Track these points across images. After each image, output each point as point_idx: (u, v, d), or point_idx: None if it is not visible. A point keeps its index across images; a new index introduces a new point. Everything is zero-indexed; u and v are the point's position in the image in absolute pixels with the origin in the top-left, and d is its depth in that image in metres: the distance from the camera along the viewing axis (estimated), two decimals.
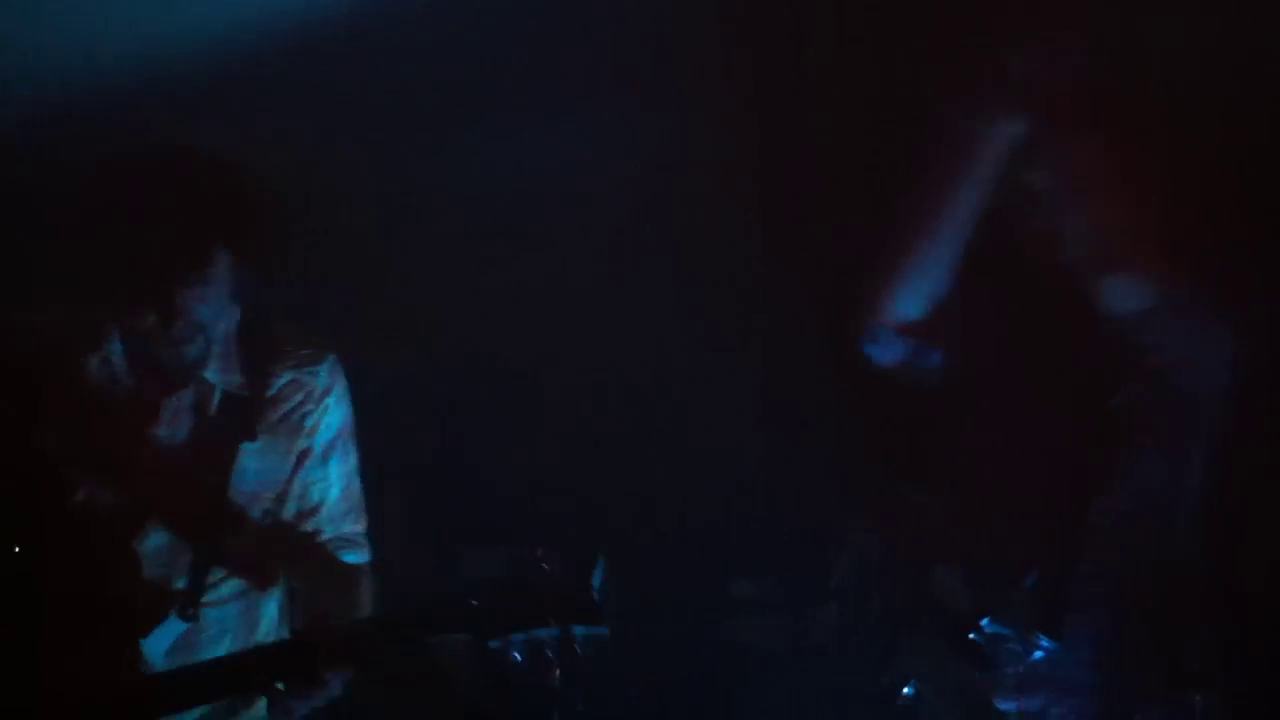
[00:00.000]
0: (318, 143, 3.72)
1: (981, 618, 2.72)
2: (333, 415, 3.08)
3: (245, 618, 3.02)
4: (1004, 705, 2.78)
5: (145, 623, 2.89)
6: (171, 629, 2.91)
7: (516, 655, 2.61)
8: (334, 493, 3.10)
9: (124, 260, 2.83)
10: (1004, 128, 2.73)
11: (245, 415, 2.97)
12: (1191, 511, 2.79)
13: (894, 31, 3.51)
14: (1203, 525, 2.78)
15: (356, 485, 3.15)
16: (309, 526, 3.08)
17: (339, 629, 2.87)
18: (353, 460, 3.14)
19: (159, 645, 2.90)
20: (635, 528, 4.01)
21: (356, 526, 3.15)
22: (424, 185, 3.95)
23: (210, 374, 2.96)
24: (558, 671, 2.59)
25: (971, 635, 2.72)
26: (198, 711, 2.93)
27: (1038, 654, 2.70)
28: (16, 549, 2.92)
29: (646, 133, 3.94)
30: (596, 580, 2.59)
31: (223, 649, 2.98)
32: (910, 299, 2.88)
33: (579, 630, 2.60)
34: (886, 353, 2.94)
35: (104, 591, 2.90)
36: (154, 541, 2.93)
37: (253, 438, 2.98)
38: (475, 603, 2.60)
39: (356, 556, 3.13)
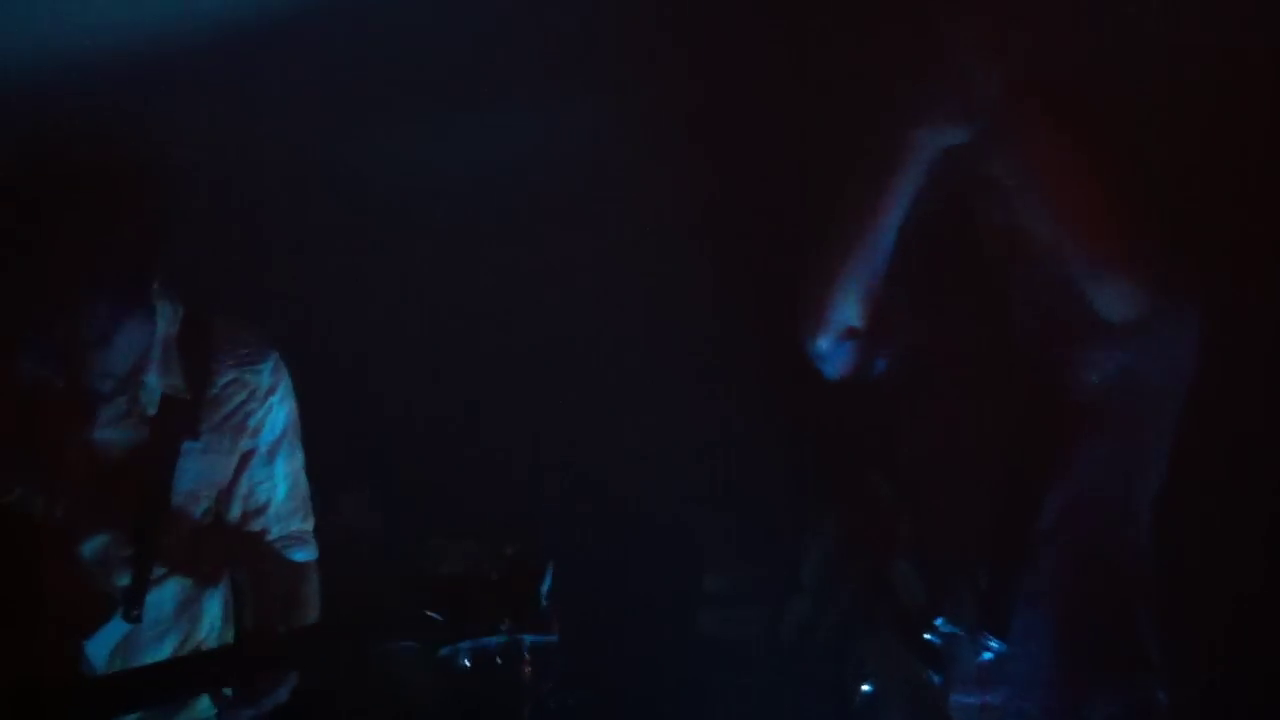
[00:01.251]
0: (262, 135, 3.66)
1: (936, 616, 2.70)
2: (277, 414, 3.04)
3: (186, 617, 2.98)
4: (965, 699, 2.76)
5: (87, 625, 2.84)
6: (115, 630, 2.87)
7: (465, 662, 2.58)
8: (281, 491, 3.07)
9: (22, 268, 2.78)
10: (946, 130, 2.68)
11: (187, 415, 2.92)
12: (1147, 505, 2.78)
13: (838, 32, 3.47)
14: (1158, 519, 2.77)
15: (304, 483, 3.12)
16: (256, 526, 3.05)
17: (287, 634, 2.85)
18: (299, 458, 3.10)
19: (102, 647, 2.86)
20: (604, 523, 4.01)
21: (305, 524, 3.12)
22: (378, 174, 3.90)
23: (149, 377, 2.91)
24: (507, 677, 2.56)
25: (926, 635, 2.70)
26: (140, 715, 2.87)
27: (986, 655, 2.69)
28: None
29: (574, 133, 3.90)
30: (544, 587, 2.57)
31: (165, 649, 2.95)
32: (851, 306, 2.86)
33: (528, 638, 2.58)
34: (832, 361, 2.91)
35: (43, 594, 2.83)
36: (93, 543, 2.87)
37: (195, 438, 2.93)
38: (424, 609, 2.57)
39: (305, 554, 3.11)
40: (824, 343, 2.89)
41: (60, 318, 2.81)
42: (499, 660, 2.55)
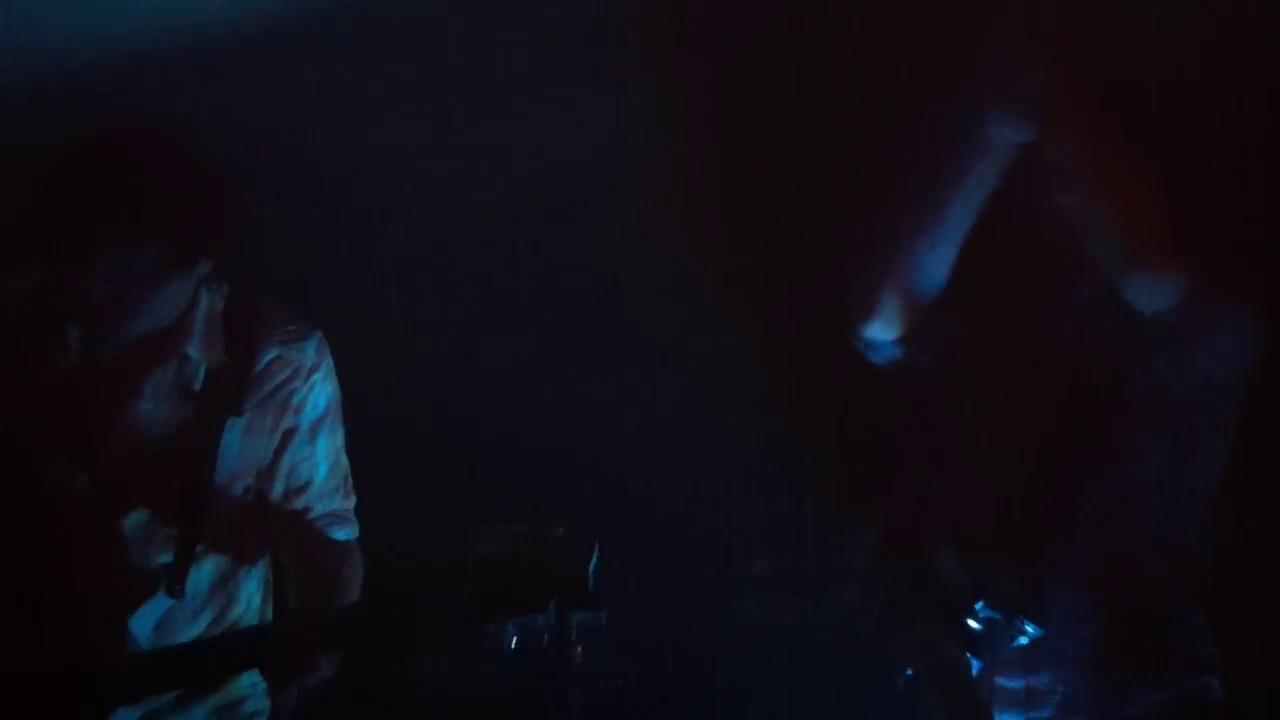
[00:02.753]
0: (306, 120, 3.67)
1: (976, 601, 2.70)
2: (320, 392, 3.04)
3: (222, 593, 2.99)
4: (1009, 683, 2.76)
5: (130, 601, 2.85)
6: (156, 607, 2.88)
7: (512, 641, 2.58)
8: (322, 470, 3.06)
9: (63, 238, 2.78)
10: (999, 127, 2.67)
11: (230, 392, 2.93)
12: (1201, 498, 2.76)
13: (891, 29, 3.46)
14: (1211, 512, 2.76)
15: (344, 463, 3.12)
16: (298, 504, 3.04)
17: (332, 613, 2.86)
18: (340, 437, 3.10)
19: (144, 623, 2.87)
20: (649, 507, 4.00)
21: (346, 503, 3.11)
22: (417, 162, 3.91)
23: (193, 351, 2.92)
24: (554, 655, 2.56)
25: (968, 619, 2.70)
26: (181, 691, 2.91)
27: (1022, 639, 2.69)
28: None
29: (645, 128, 3.90)
30: (592, 565, 2.57)
31: (200, 625, 2.95)
32: (905, 299, 2.84)
33: (575, 616, 2.57)
34: (881, 350, 2.90)
35: (86, 570, 2.86)
36: (136, 519, 2.88)
37: (238, 414, 2.93)
38: (471, 588, 2.57)
39: (347, 533, 3.10)
40: (875, 332, 2.89)
41: (103, 288, 2.80)
42: (546, 639, 2.55)
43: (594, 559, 2.55)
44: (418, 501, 3.65)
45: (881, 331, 2.89)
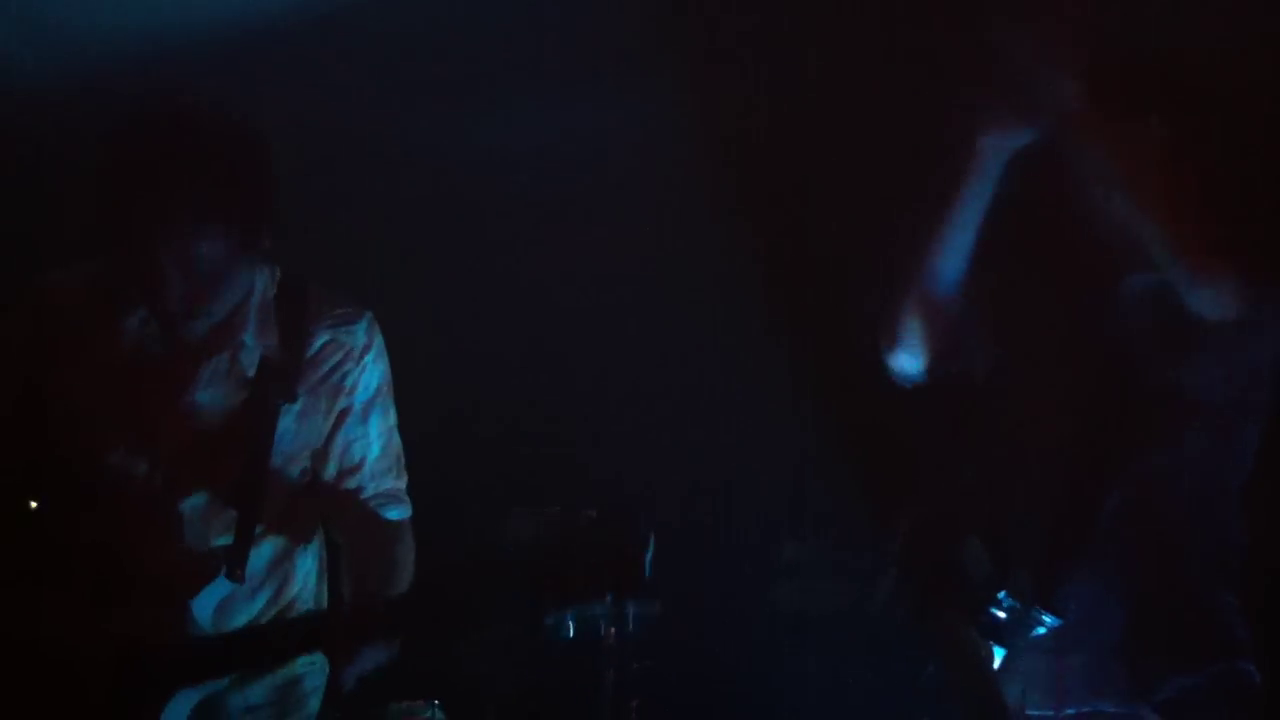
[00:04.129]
0: (354, 105, 3.67)
1: (999, 591, 2.69)
2: (371, 373, 3.06)
3: (279, 573, 3.02)
4: (1040, 665, 2.75)
5: (191, 586, 2.89)
6: (217, 590, 2.91)
7: (569, 631, 2.60)
8: (375, 450, 3.09)
9: (134, 225, 2.79)
10: (1012, 134, 2.64)
11: (284, 377, 2.95)
12: (1234, 487, 2.75)
13: (907, 36, 3.42)
14: (1245, 498, 2.74)
15: (397, 441, 3.14)
16: (351, 484, 3.07)
17: (392, 600, 2.88)
18: (392, 417, 3.12)
19: (205, 607, 2.91)
20: (688, 493, 4.02)
21: (399, 482, 3.14)
22: (463, 146, 3.90)
23: (248, 338, 2.94)
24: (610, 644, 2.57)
25: (990, 608, 2.70)
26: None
27: (1040, 630, 2.68)
28: (57, 516, 2.94)
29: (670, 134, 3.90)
30: (649, 556, 2.57)
31: (258, 604, 3.00)
32: (926, 318, 2.83)
33: (632, 606, 2.59)
34: (909, 373, 2.90)
35: (148, 556, 2.90)
36: (194, 505, 2.92)
37: (293, 399, 2.96)
38: (529, 577, 2.58)
39: (400, 512, 3.13)
40: (900, 358, 2.88)
41: (162, 276, 2.81)
42: (603, 629, 2.57)
43: (650, 549, 2.56)
44: (462, 488, 3.69)
45: (909, 362, 2.88)
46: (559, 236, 4.12)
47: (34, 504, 2.98)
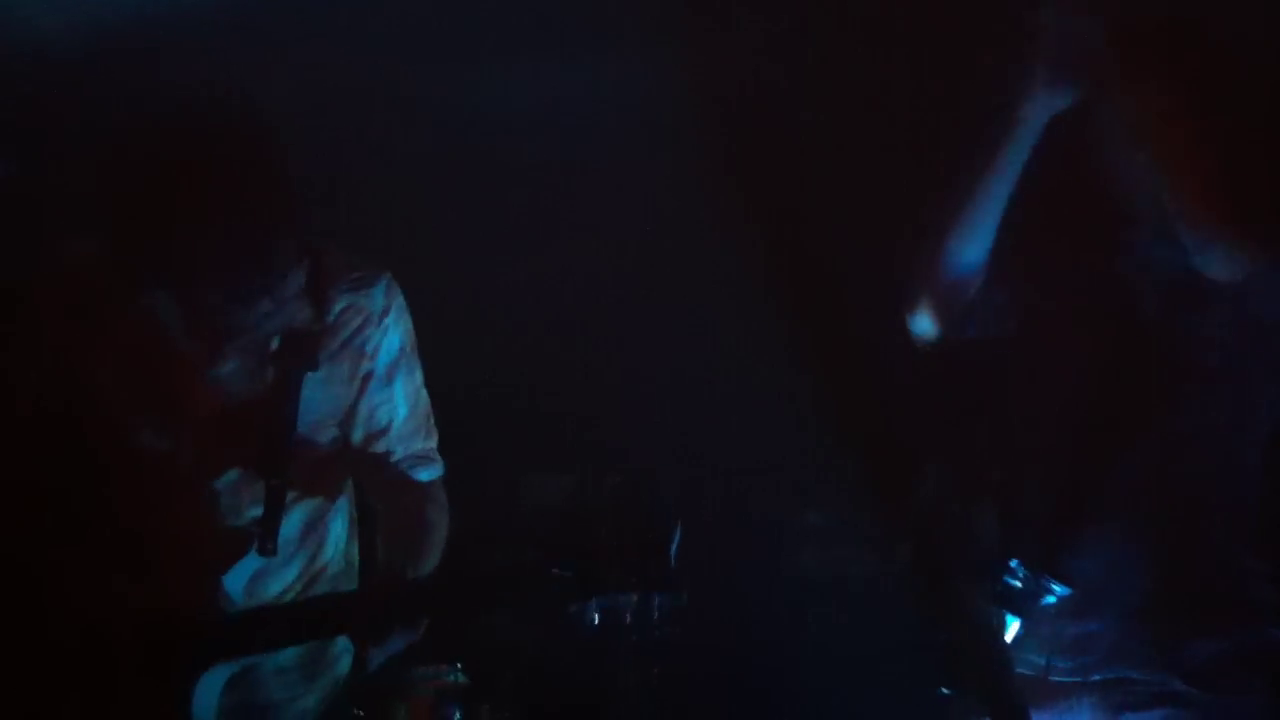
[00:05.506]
0: (371, 64, 3.62)
1: (1010, 559, 2.72)
2: (392, 336, 3.04)
3: (312, 540, 3.02)
4: (1065, 629, 2.76)
5: (223, 560, 2.89)
6: (249, 564, 2.92)
7: (594, 619, 2.58)
8: (402, 412, 3.07)
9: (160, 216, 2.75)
10: (1051, 95, 2.64)
11: (306, 346, 2.93)
12: (1256, 447, 2.75)
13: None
14: (1269, 459, 2.74)
15: (424, 401, 3.12)
16: (380, 447, 3.06)
17: (418, 583, 2.89)
18: (418, 377, 3.11)
19: (238, 580, 2.91)
20: (709, 462, 3.99)
21: (428, 443, 3.13)
22: (480, 114, 3.86)
23: (267, 308, 2.89)
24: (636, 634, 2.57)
25: (1002, 576, 2.71)
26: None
27: (1049, 599, 2.69)
28: (88, 493, 2.92)
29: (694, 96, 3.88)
30: (674, 546, 2.55)
31: (291, 572, 3.00)
32: (956, 278, 2.83)
33: (657, 597, 2.57)
34: (931, 333, 2.89)
35: (178, 532, 2.90)
36: (223, 480, 2.91)
37: (315, 367, 2.94)
38: (554, 565, 2.56)
39: (430, 473, 3.12)
40: (923, 321, 2.89)
41: (200, 272, 2.78)
42: (628, 619, 2.56)
43: (676, 540, 2.53)
44: (481, 455, 3.66)
45: (929, 326, 2.89)
46: (585, 199, 4.08)
47: (66, 483, 2.96)
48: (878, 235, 3.19)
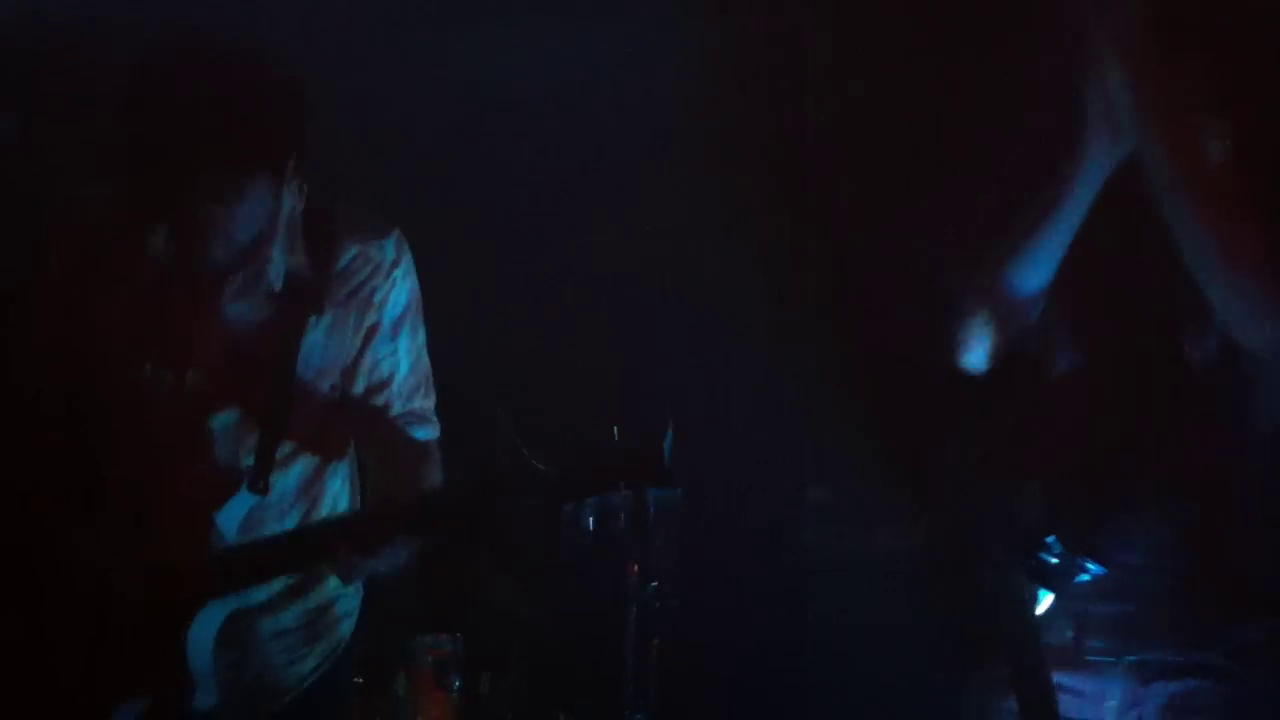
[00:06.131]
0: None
1: (1049, 535, 2.69)
2: (400, 289, 3.04)
3: (310, 494, 3.02)
4: (1101, 609, 2.74)
5: (216, 498, 2.88)
6: (242, 503, 2.91)
7: (589, 520, 2.59)
8: (404, 367, 3.07)
9: (151, 145, 2.74)
10: (1111, 147, 2.61)
11: (312, 291, 2.94)
12: None
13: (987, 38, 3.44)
14: None
15: (426, 361, 3.12)
16: (379, 401, 3.05)
17: (409, 499, 2.88)
18: (421, 335, 3.10)
19: (231, 520, 2.90)
20: (711, 435, 4.01)
21: (426, 402, 3.12)
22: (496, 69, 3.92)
23: (276, 253, 2.90)
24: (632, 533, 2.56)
25: (1039, 553, 2.69)
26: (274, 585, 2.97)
27: (1084, 577, 2.67)
28: (90, 434, 2.96)
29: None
30: (667, 443, 2.56)
31: (289, 524, 2.99)
32: (1000, 332, 2.82)
33: (652, 493, 2.57)
34: (978, 365, 2.89)
35: (174, 469, 2.91)
36: (222, 419, 2.92)
37: (320, 312, 2.94)
38: (545, 468, 2.57)
39: (427, 432, 3.11)
40: (972, 359, 2.88)
41: (186, 192, 2.77)
42: (623, 517, 2.55)
43: (669, 436, 2.54)
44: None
45: (980, 361, 2.86)
46: (587, 165, 4.12)
47: (69, 422, 3.00)
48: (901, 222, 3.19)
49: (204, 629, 2.85)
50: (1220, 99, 2.53)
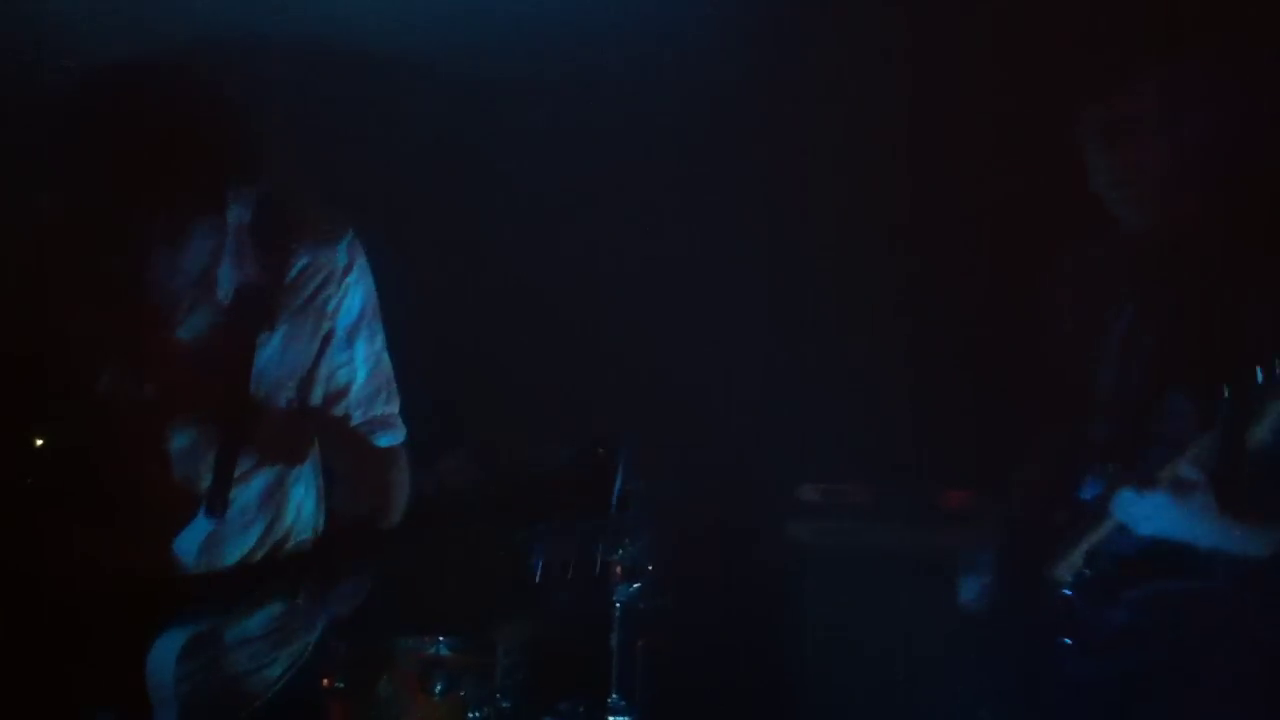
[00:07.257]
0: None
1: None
2: (353, 295, 2.97)
3: (271, 505, 2.97)
4: (1135, 593, 2.92)
5: (175, 521, 2.84)
6: (201, 527, 2.86)
7: (539, 550, 2.55)
8: (361, 375, 3.02)
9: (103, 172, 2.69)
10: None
11: (263, 305, 2.87)
12: None
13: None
14: None
15: (386, 364, 3.07)
16: (338, 410, 3.01)
17: (363, 533, 2.86)
18: (379, 340, 3.05)
19: (190, 542, 2.86)
20: (704, 433, 3.97)
21: (389, 407, 3.08)
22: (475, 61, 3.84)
23: (223, 270, 2.84)
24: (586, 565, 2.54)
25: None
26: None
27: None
28: (39, 456, 2.90)
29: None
30: (619, 472, 2.50)
31: (251, 538, 2.95)
32: None
33: (605, 523, 2.53)
34: None
35: (133, 492, 2.86)
36: (180, 439, 2.87)
37: (271, 328, 2.88)
38: (498, 493, 2.53)
39: (390, 438, 3.07)
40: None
41: (136, 219, 2.71)
42: (579, 545, 2.52)
43: (620, 465, 2.48)
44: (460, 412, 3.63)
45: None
46: (568, 158, 4.07)
47: (37, 439, 2.94)
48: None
49: (164, 653, 2.80)
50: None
